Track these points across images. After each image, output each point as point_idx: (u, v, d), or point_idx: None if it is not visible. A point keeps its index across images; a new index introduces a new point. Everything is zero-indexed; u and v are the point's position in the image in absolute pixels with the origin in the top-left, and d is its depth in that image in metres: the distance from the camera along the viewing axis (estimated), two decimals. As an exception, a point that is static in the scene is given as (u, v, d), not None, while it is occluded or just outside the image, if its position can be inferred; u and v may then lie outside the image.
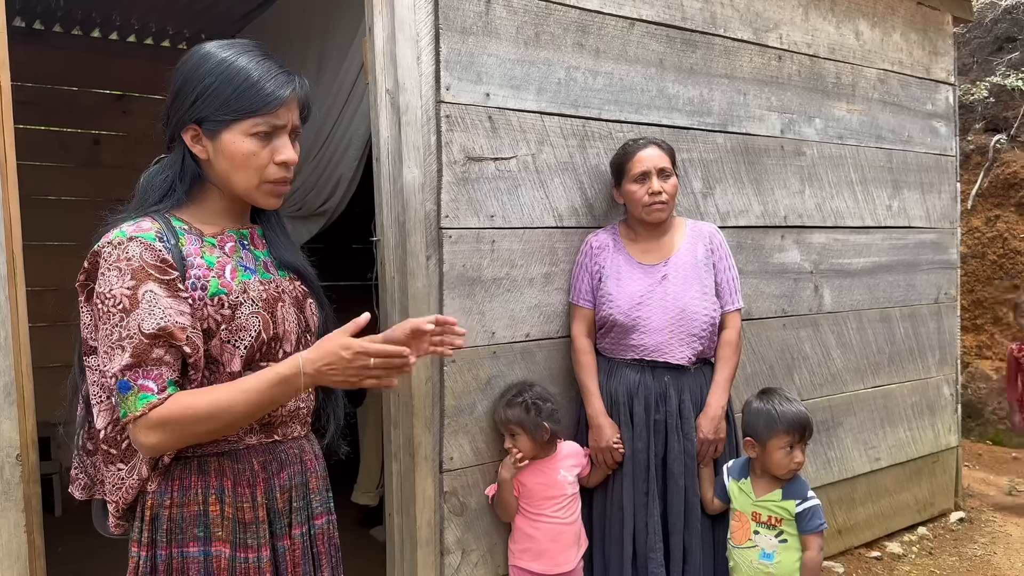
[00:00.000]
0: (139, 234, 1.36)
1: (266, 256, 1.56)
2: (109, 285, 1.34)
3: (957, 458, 4.17)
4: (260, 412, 1.41)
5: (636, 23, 2.81)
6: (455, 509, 2.46)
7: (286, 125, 1.45)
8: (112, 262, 1.35)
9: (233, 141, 1.42)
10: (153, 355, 1.33)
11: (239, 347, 1.42)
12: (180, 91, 1.44)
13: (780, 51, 3.25)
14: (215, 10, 4.49)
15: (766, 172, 3.21)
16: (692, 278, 2.54)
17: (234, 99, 1.40)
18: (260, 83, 1.41)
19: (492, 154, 2.50)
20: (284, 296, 1.52)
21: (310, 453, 1.59)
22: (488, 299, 2.50)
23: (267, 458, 1.48)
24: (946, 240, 4.02)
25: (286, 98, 1.43)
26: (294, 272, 1.58)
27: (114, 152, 5.03)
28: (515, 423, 2.40)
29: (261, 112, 1.41)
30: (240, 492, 1.43)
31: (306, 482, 1.55)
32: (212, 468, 1.43)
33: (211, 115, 1.41)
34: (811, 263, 3.39)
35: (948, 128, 4.02)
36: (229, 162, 1.43)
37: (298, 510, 1.52)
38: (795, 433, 2.32)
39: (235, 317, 1.41)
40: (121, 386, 1.33)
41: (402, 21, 2.31)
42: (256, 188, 1.46)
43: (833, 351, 3.50)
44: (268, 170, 1.44)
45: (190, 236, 1.44)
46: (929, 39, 3.90)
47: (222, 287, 1.41)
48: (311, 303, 1.59)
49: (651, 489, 2.48)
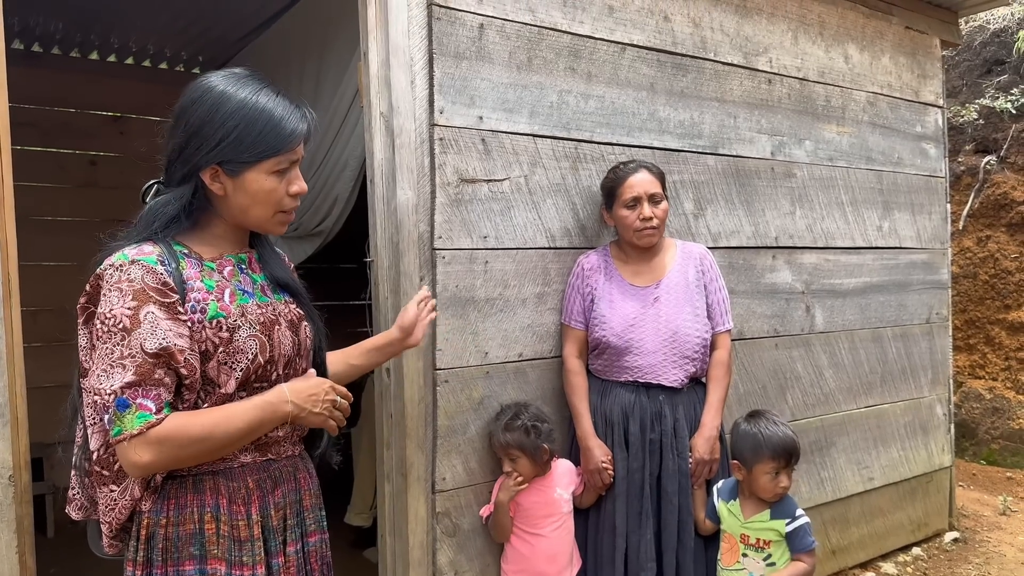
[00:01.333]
0: (141, 257, 1.39)
1: (263, 280, 1.59)
2: (110, 305, 1.37)
3: (951, 478, 4.18)
4: (247, 439, 1.46)
5: (627, 48, 2.85)
6: (448, 530, 2.46)
7: (300, 159, 1.52)
8: (114, 283, 1.37)
9: (256, 180, 1.47)
10: (155, 375, 1.36)
11: (235, 369, 1.45)
12: (199, 132, 1.44)
13: (770, 75, 3.30)
14: (212, 33, 4.54)
15: (757, 193, 3.24)
16: (684, 300, 2.56)
17: (259, 141, 1.45)
18: (281, 123, 1.46)
19: (485, 176, 2.52)
20: (280, 319, 1.54)
21: (303, 471, 1.61)
22: (481, 319, 2.52)
23: (261, 476, 1.51)
24: (937, 260, 4.05)
25: (305, 135, 1.50)
26: (287, 291, 1.61)
27: (111, 173, 5.06)
28: (515, 447, 2.40)
29: (284, 151, 1.47)
30: (235, 510, 1.45)
31: (300, 500, 1.58)
32: (207, 486, 1.44)
33: (236, 157, 1.45)
34: (803, 283, 3.41)
35: (938, 150, 4.06)
36: (251, 199, 1.48)
37: (292, 527, 1.54)
38: (781, 459, 2.32)
39: (233, 340, 1.44)
40: (119, 403, 1.34)
41: (396, 46, 2.35)
42: (271, 219, 1.53)
43: (825, 371, 3.52)
44: (283, 202, 1.52)
45: (190, 260, 1.47)
46: (918, 62, 3.95)
47: (221, 310, 1.44)
48: (306, 325, 1.61)
49: (645, 508, 2.49)
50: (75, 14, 4.28)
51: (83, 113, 5.06)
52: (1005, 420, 5.51)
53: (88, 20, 4.38)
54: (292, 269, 1.71)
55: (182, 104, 1.48)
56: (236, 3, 4.02)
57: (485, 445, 2.52)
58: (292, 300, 1.61)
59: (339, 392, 1.55)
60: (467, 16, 2.47)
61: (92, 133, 5.08)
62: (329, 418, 1.53)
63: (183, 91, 1.50)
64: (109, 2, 4.05)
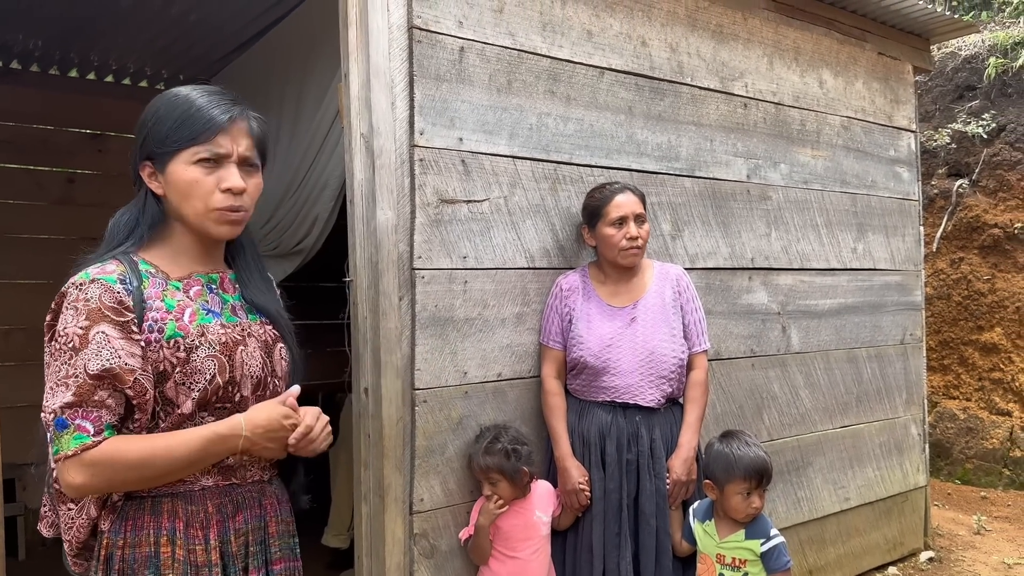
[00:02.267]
0: (101, 276, 1.38)
1: (236, 300, 1.57)
2: (65, 324, 1.37)
3: (926, 497, 4.22)
4: (193, 468, 1.43)
5: (606, 72, 2.89)
6: (425, 551, 2.45)
7: (230, 154, 1.46)
8: (71, 302, 1.37)
9: (177, 171, 1.45)
10: (95, 397, 1.35)
11: (193, 389, 1.43)
12: (137, 132, 1.49)
13: (746, 99, 3.35)
14: (193, 52, 4.54)
15: (733, 215, 3.29)
16: (660, 320, 2.58)
17: (176, 129, 1.44)
18: (200, 111, 1.45)
19: (465, 197, 2.54)
20: (249, 340, 1.52)
21: (271, 497, 1.57)
22: (460, 339, 2.53)
23: (222, 500, 1.48)
24: (911, 282, 4.11)
25: (224, 123, 1.45)
26: (265, 315, 1.59)
27: (89, 191, 5.03)
28: (495, 470, 2.39)
29: (201, 139, 1.44)
30: (192, 534, 1.43)
31: (264, 526, 1.54)
32: (165, 509, 1.43)
33: (158, 148, 1.45)
34: (778, 304, 3.45)
35: (911, 173, 4.14)
36: (177, 192, 1.46)
37: (254, 555, 1.51)
38: (752, 479, 2.34)
39: (190, 360, 1.42)
40: (58, 423, 1.34)
41: (377, 68, 2.37)
42: (204, 216, 1.46)
43: (801, 391, 3.55)
44: (213, 198, 1.45)
45: (155, 279, 1.46)
46: (891, 88, 4.03)
47: (179, 330, 1.43)
48: (281, 347, 1.59)
49: (623, 529, 2.49)
50: (55, 32, 4.27)
51: (61, 130, 5.03)
52: (979, 440, 5.58)
53: (68, 38, 4.37)
54: (279, 294, 1.69)
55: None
56: (218, 22, 4.03)
57: (463, 466, 2.52)
58: (269, 322, 1.60)
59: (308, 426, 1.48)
60: (448, 39, 2.50)
61: (70, 150, 5.05)
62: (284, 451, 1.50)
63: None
64: (90, 20, 4.05)
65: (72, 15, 3.98)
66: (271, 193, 3.58)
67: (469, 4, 2.56)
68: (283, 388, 1.59)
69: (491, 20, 2.61)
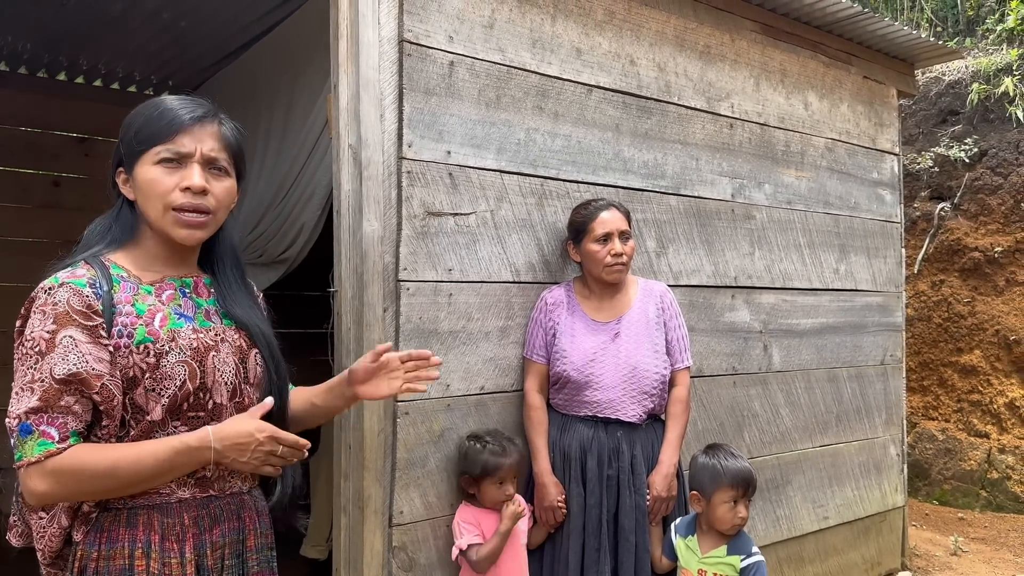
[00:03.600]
0: (71, 280, 1.37)
1: (211, 304, 1.55)
2: (32, 328, 1.35)
3: (904, 517, 4.25)
4: (161, 479, 1.40)
5: (594, 89, 2.92)
6: (403, 565, 2.44)
7: (192, 153, 1.44)
8: (39, 306, 1.36)
9: (141, 172, 1.45)
10: (61, 402, 1.33)
11: (162, 395, 1.41)
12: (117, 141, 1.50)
13: (732, 119, 3.39)
14: (183, 58, 4.54)
15: (717, 234, 3.32)
16: (644, 336, 2.60)
17: (142, 129, 1.45)
18: (165, 112, 1.45)
19: (452, 210, 2.55)
20: (222, 346, 1.50)
21: (251, 509, 1.55)
22: (444, 351, 2.53)
23: (200, 513, 1.46)
24: (892, 303, 4.15)
25: (186, 122, 1.44)
26: (241, 327, 1.56)
27: (74, 194, 5.00)
28: (517, 467, 2.42)
29: (162, 139, 1.43)
30: (167, 547, 1.40)
31: (243, 539, 1.52)
32: (140, 521, 1.40)
33: (127, 153, 1.46)
34: (760, 323, 3.48)
35: (893, 196, 4.19)
36: (140, 193, 1.45)
37: (230, 567, 1.49)
38: (739, 488, 2.37)
39: (160, 365, 1.40)
40: (22, 429, 1.32)
41: (367, 80, 2.38)
42: (163, 217, 1.44)
43: (782, 409, 3.58)
44: (172, 196, 1.42)
45: (126, 283, 1.44)
46: (875, 111, 4.09)
47: (149, 335, 1.41)
48: (256, 354, 1.56)
49: (602, 545, 2.49)
50: (45, 34, 4.26)
51: (48, 133, 5.01)
52: (957, 461, 5.62)
53: (58, 41, 4.36)
54: (260, 299, 1.68)
55: None
56: (208, 30, 4.03)
57: (445, 478, 2.52)
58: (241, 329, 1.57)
59: (282, 440, 1.42)
60: (438, 54, 2.52)
61: (57, 154, 5.03)
62: (263, 465, 1.43)
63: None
64: (80, 24, 4.04)
65: (63, 19, 3.97)
66: (257, 201, 3.58)
67: (460, 19, 2.58)
68: (257, 397, 1.55)
69: (481, 36, 2.63)
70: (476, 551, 2.38)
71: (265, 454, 1.41)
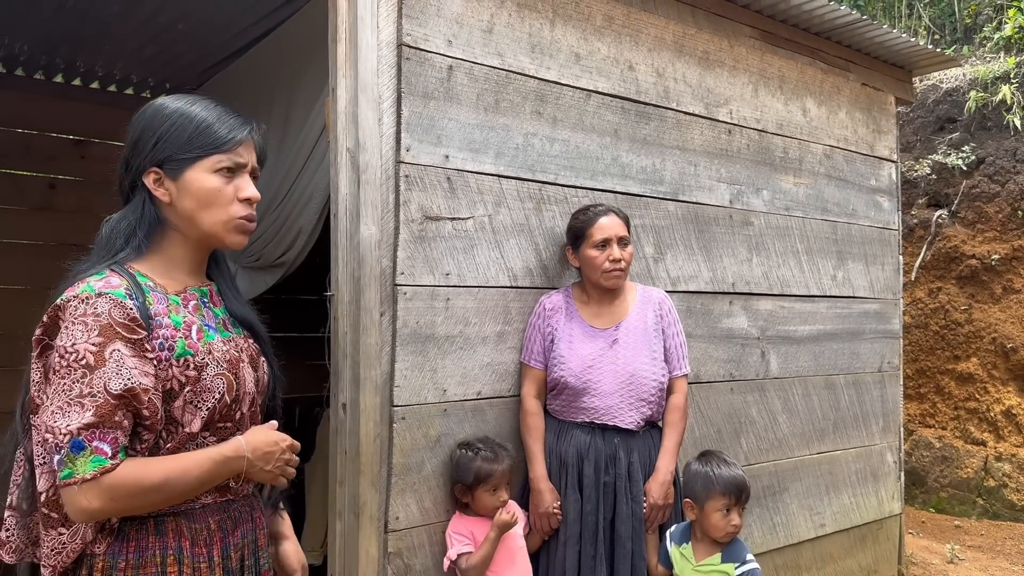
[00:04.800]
0: (109, 290, 1.34)
1: (224, 314, 1.57)
2: (73, 339, 1.30)
3: (900, 525, 4.24)
4: (200, 490, 1.43)
5: (592, 94, 2.91)
6: (399, 570, 2.43)
7: (247, 164, 1.50)
8: (78, 316, 1.32)
9: (197, 179, 1.45)
10: (115, 417, 1.30)
11: (201, 408, 1.42)
12: (140, 139, 1.47)
13: (730, 125, 3.39)
14: (181, 61, 4.53)
15: (715, 240, 3.31)
16: (642, 343, 2.59)
17: (196, 137, 1.45)
18: (219, 122, 1.47)
19: (449, 214, 2.54)
20: (243, 355, 1.53)
21: (259, 510, 1.60)
22: (441, 356, 2.52)
23: (222, 517, 1.48)
24: (889, 310, 4.15)
25: (245, 136, 1.49)
26: (247, 328, 1.59)
27: (70, 197, 4.97)
28: (505, 474, 2.41)
29: (223, 148, 1.46)
30: (198, 552, 1.42)
31: (256, 539, 1.56)
32: (169, 528, 1.41)
33: (173, 155, 1.45)
34: (758, 329, 3.47)
35: (891, 203, 4.19)
36: (195, 200, 1.45)
37: (249, 567, 1.53)
38: (731, 496, 2.36)
39: (200, 378, 1.41)
40: (74, 445, 1.27)
41: (365, 83, 2.37)
42: (223, 225, 1.48)
43: (779, 416, 3.57)
44: (234, 207, 1.47)
45: (156, 294, 1.43)
46: (873, 118, 4.09)
47: (189, 348, 1.41)
48: (263, 362, 1.59)
49: (598, 552, 2.48)
50: (41, 36, 4.24)
51: (44, 135, 4.99)
52: (954, 469, 5.62)
53: (55, 42, 4.34)
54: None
55: (130, 123, 1.51)
56: (206, 33, 4.02)
57: (441, 484, 2.50)
58: (250, 335, 1.59)
59: (296, 449, 1.55)
60: (436, 58, 2.51)
61: (52, 156, 5.01)
62: (280, 476, 1.52)
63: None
64: (77, 26, 4.03)
65: (60, 21, 3.96)
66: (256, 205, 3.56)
67: (459, 23, 2.57)
68: (260, 403, 1.59)
69: (480, 40, 2.62)
70: (466, 560, 2.38)
71: (284, 463, 1.51)
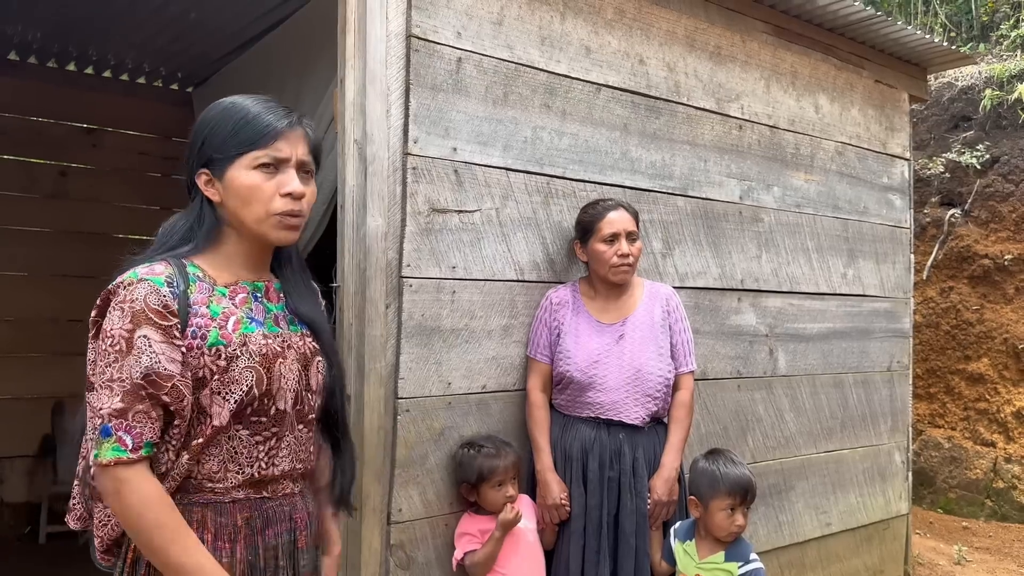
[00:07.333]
0: (149, 277, 1.39)
1: (279, 310, 1.57)
2: (111, 324, 1.37)
3: (907, 525, 4.22)
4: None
5: (602, 88, 2.89)
6: (401, 563, 2.43)
7: (289, 158, 1.48)
8: (118, 302, 1.38)
9: (237, 176, 1.46)
10: (140, 405, 1.34)
11: (229, 399, 1.42)
12: (192, 141, 1.51)
13: (741, 121, 3.36)
14: (192, 51, 4.54)
15: (724, 236, 3.29)
16: (648, 339, 2.58)
17: (233, 134, 1.46)
18: (258, 117, 1.47)
19: (456, 206, 2.54)
20: (288, 352, 1.52)
21: (302, 511, 1.57)
22: (446, 349, 2.51)
23: (252, 514, 1.47)
24: (899, 309, 4.12)
25: (282, 129, 1.48)
26: (308, 326, 1.59)
27: (81, 185, 4.99)
28: (514, 469, 2.41)
29: (260, 144, 1.46)
30: (220, 546, 1.42)
31: (294, 540, 1.54)
32: (195, 518, 1.42)
33: (215, 154, 1.47)
34: (767, 326, 3.45)
35: (903, 201, 4.15)
36: (237, 198, 1.47)
37: (284, 568, 1.51)
38: (736, 496, 2.34)
39: (229, 369, 1.42)
40: (104, 430, 1.34)
41: (373, 75, 2.37)
42: (264, 221, 1.48)
43: (787, 414, 3.55)
44: (274, 203, 1.47)
45: (202, 284, 1.45)
46: (886, 115, 4.05)
47: (222, 338, 1.43)
48: (319, 361, 1.59)
49: (602, 547, 2.48)
50: (55, 25, 4.26)
51: (56, 123, 5.01)
52: (963, 470, 5.58)
53: (68, 31, 4.36)
54: (323, 306, 1.69)
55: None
56: (217, 23, 4.02)
57: (444, 477, 2.50)
58: (310, 334, 1.59)
59: None
60: (445, 50, 2.50)
61: (64, 144, 5.03)
62: None
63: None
64: (91, 15, 4.04)
65: (73, 9, 3.97)
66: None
67: (468, 15, 2.56)
68: (321, 403, 1.59)
69: (490, 32, 2.61)
70: (470, 557, 2.39)
71: None
